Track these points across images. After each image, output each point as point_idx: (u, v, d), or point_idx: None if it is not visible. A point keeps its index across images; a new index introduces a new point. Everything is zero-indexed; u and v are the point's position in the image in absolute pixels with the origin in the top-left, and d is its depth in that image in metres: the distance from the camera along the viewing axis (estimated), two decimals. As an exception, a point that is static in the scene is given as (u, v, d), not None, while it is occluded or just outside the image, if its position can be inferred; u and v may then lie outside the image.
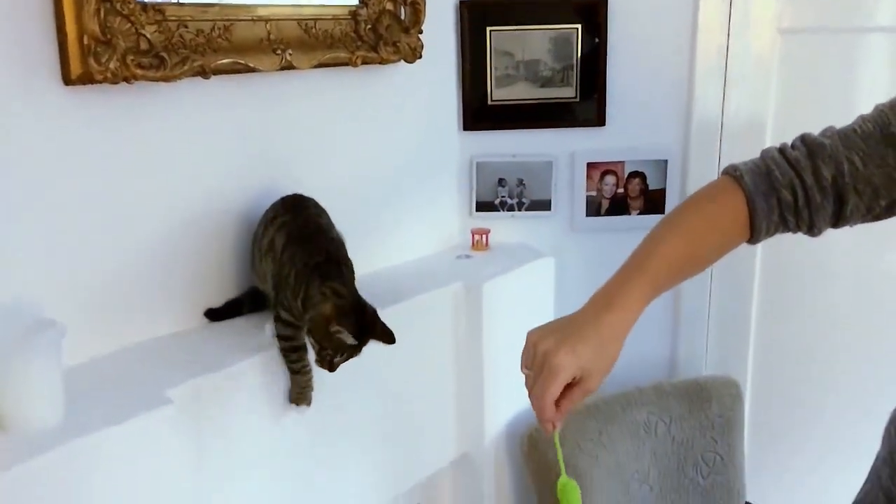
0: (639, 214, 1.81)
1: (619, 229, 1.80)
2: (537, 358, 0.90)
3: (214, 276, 1.29)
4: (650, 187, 1.79)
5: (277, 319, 1.18)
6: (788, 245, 1.80)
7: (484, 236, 1.74)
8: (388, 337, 1.17)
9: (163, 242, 1.20)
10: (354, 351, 1.15)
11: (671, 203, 1.80)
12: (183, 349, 1.19)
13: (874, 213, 0.92)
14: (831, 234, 0.95)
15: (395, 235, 1.62)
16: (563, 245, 1.81)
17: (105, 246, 1.13)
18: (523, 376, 0.94)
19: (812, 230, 0.95)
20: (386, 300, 1.35)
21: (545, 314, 1.73)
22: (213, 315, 1.29)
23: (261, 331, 1.24)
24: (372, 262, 1.54)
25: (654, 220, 1.80)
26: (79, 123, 1.07)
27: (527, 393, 0.92)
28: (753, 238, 0.96)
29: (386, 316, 1.20)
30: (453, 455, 1.59)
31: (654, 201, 1.80)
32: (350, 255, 1.23)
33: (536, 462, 1.59)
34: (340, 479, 1.36)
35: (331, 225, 1.27)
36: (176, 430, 1.03)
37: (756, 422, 1.86)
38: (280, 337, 1.18)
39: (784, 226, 0.95)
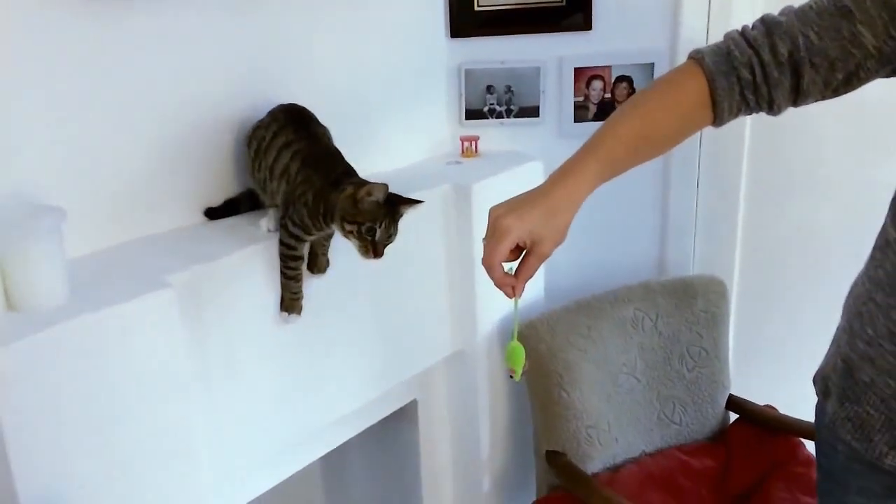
0: (626, 119, 1.83)
1: (607, 134, 1.83)
2: (489, 224, 0.95)
3: (212, 177, 1.34)
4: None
5: (284, 228, 1.23)
6: (775, 148, 1.85)
7: (473, 143, 1.78)
8: (408, 199, 1.21)
9: (164, 144, 1.25)
10: (390, 222, 1.18)
11: (658, 107, 1.82)
12: (183, 242, 1.24)
13: (832, 87, 0.95)
14: (818, 140, 0.97)
15: (386, 143, 1.65)
16: (552, 151, 1.81)
17: (110, 145, 1.18)
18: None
19: (772, 108, 0.98)
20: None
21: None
22: (212, 213, 1.34)
23: (256, 227, 1.29)
24: (363, 170, 1.57)
25: (641, 123, 1.84)
26: (83, 20, 1.10)
27: (482, 263, 0.96)
28: (717, 119, 0.99)
29: None
30: (448, 351, 1.66)
31: (641, 105, 1.82)
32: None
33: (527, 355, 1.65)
34: (340, 369, 1.43)
35: (331, 139, 1.31)
36: (174, 313, 1.08)
37: (742, 318, 1.91)
38: (283, 244, 1.24)
39: (745, 105, 0.97)
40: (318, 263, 1.32)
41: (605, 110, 1.82)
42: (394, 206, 1.19)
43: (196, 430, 1.14)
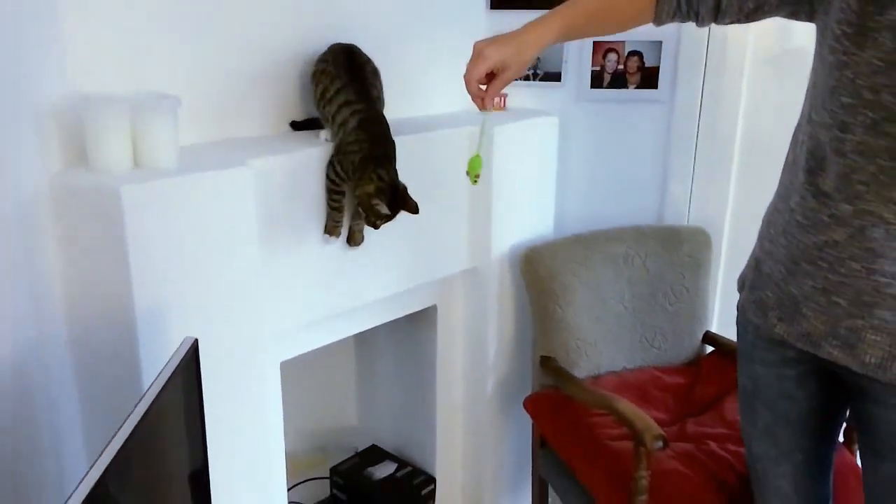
0: (636, 88, 2.14)
1: (619, 100, 2.15)
2: (474, 51, 1.29)
3: (294, 97, 1.71)
4: (646, 64, 2.12)
5: (331, 166, 1.60)
6: (767, 111, 2.10)
7: (502, 99, 2.12)
8: (413, 208, 1.58)
9: (256, 66, 1.63)
10: (390, 217, 1.57)
11: (664, 79, 2.12)
12: (265, 142, 1.62)
13: (744, 13, 1.25)
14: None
15: (428, 94, 2.01)
16: (570, 112, 2.17)
17: (218, 60, 1.56)
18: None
19: (698, 19, 1.28)
20: (415, 130, 1.76)
21: (549, 165, 2.11)
22: (295, 125, 1.72)
23: (317, 137, 1.67)
24: (405, 111, 1.95)
25: (649, 93, 2.16)
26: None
27: (463, 78, 1.31)
28: (656, 18, 1.30)
29: (413, 143, 1.63)
30: (464, 266, 2.00)
31: (649, 77, 2.13)
32: (387, 103, 1.64)
33: (531, 275, 1.98)
34: (374, 263, 1.78)
35: (377, 76, 1.66)
36: (250, 186, 1.45)
37: (730, 265, 2.18)
38: (329, 179, 1.61)
39: (679, 11, 1.28)
40: (354, 238, 1.68)
41: (617, 79, 2.14)
42: (396, 207, 1.55)
43: (258, 283, 1.51)
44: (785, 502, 1.46)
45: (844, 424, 1.44)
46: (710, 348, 2.11)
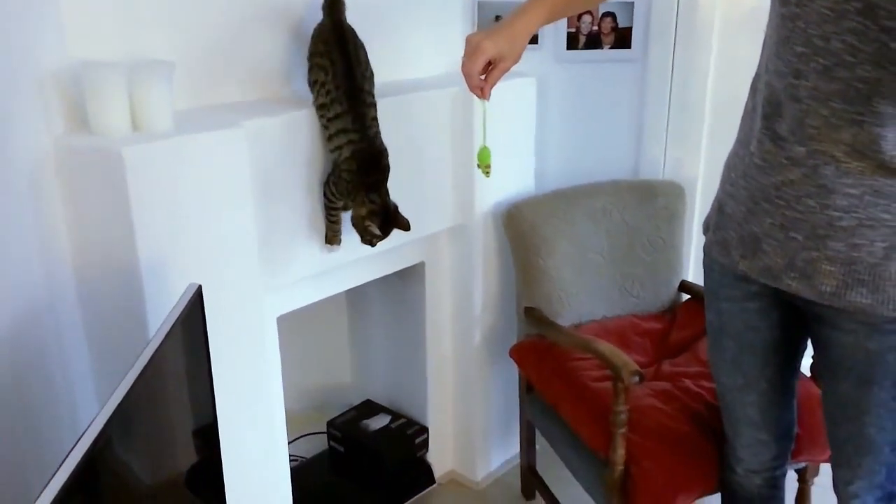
0: (610, 49, 2.22)
1: (594, 61, 2.23)
2: (470, 45, 1.38)
3: (288, 62, 1.78)
4: (619, 25, 2.20)
5: (327, 185, 1.70)
6: (737, 67, 2.18)
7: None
8: (405, 226, 1.68)
9: (252, 29, 1.69)
10: (382, 238, 1.67)
11: (637, 39, 2.20)
12: (259, 105, 1.69)
13: None
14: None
15: (411, 57, 2.08)
16: (548, 73, 2.25)
17: (209, 25, 1.62)
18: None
19: None
20: (398, 92, 1.84)
21: (529, 125, 2.20)
22: None
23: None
24: (390, 74, 2.02)
25: (623, 53, 2.24)
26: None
27: (462, 72, 1.40)
28: None
29: (399, 105, 1.72)
30: (451, 223, 2.09)
31: (622, 38, 2.21)
32: (372, 67, 1.70)
33: (514, 230, 2.07)
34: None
35: (370, 74, 1.69)
36: (243, 145, 1.53)
37: (703, 219, 2.27)
38: (326, 197, 1.71)
39: None
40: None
41: (592, 40, 2.22)
42: (388, 228, 1.65)
43: (251, 238, 1.59)
44: (752, 428, 1.58)
45: (811, 360, 1.56)
46: (685, 296, 2.22)
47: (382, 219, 1.65)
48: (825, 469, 1.55)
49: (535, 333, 2.08)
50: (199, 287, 1.22)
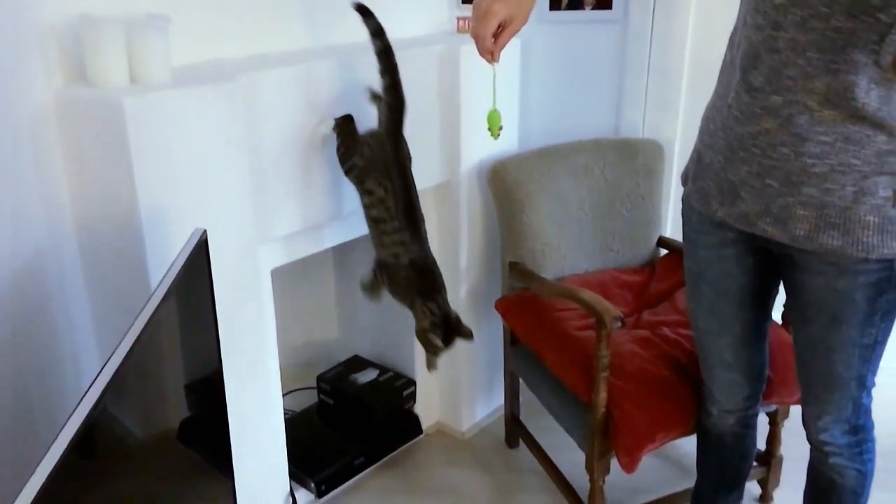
0: (592, 10, 2.27)
1: (576, 21, 2.28)
2: (480, 9, 1.41)
3: (281, 21, 1.81)
4: (601, -14, 2.25)
5: (376, 274, 1.79)
6: (715, 28, 2.24)
7: (467, 22, 2.23)
8: (468, 335, 1.74)
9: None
10: (444, 349, 1.73)
11: (618, 0, 2.25)
12: (256, 61, 1.72)
13: None
14: None
15: (399, 18, 2.11)
16: (531, 34, 2.29)
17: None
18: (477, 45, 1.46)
19: None
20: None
21: (512, 84, 2.24)
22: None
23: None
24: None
25: (604, 14, 2.29)
26: None
27: (472, 36, 1.44)
28: None
29: None
30: (437, 180, 2.14)
31: (604, -1, 2.26)
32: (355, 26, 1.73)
33: (498, 187, 2.13)
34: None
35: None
36: (239, 101, 1.56)
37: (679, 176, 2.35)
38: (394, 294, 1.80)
39: None
40: (431, 362, 1.80)
41: (575, 1, 2.26)
42: (451, 338, 1.71)
43: (245, 189, 1.62)
44: (727, 370, 1.67)
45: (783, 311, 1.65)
46: (663, 251, 2.30)
47: (445, 330, 1.72)
48: (795, 413, 1.65)
49: (520, 287, 2.15)
50: (205, 232, 1.27)
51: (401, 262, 1.73)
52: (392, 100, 1.68)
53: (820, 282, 1.40)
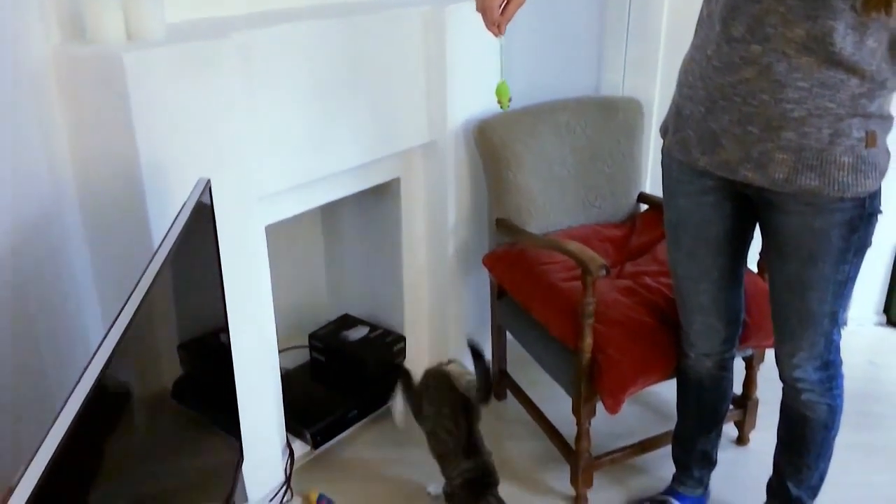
0: (573, -30, 2.32)
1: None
2: None
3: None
4: (582, -53, 2.29)
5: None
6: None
7: None
8: None
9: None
10: None
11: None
12: (252, 19, 1.74)
13: None
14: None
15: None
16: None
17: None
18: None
19: None
20: (370, 10, 1.91)
21: (495, 44, 2.28)
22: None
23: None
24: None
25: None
26: None
27: (479, 9, 1.49)
28: None
29: (372, 23, 1.82)
30: (424, 139, 2.19)
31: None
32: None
33: (484, 145, 2.19)
34: (341, 135, 1.95)
35: None
36: (234, 58, 1.59)
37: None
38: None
39: None
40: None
41: (556, -38, 2.30)
42: None
43: (241, 144, 1.66)
44: (704, 315, 1.75)
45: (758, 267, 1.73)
46: (644, 206, 2.38)
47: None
48: (770, 359, 1.73)
49: (506, 242, 2.21)
50: (209, 181, 1.31)
51: (455, 482, 1.84)
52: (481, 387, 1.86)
53: (797, 222, 1.48)
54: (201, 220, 1.32)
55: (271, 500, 1.99)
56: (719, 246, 1.66)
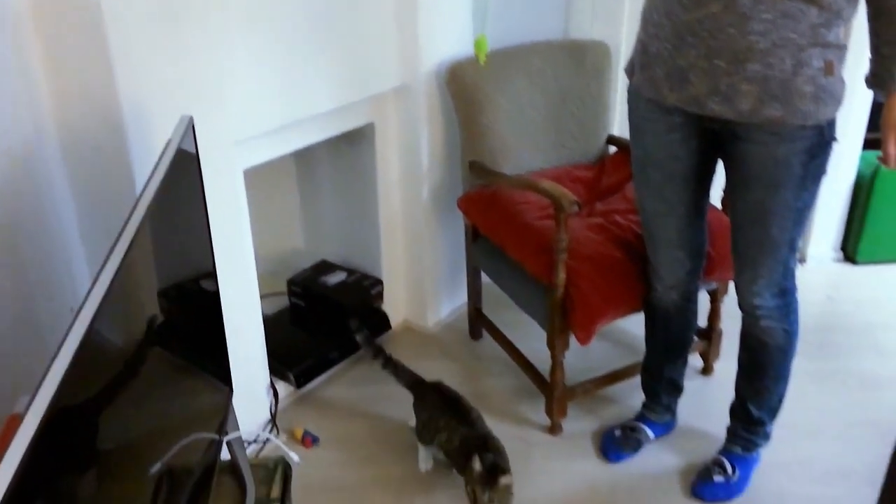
0: (541, -87, 2.33)
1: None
2: None
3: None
4: None
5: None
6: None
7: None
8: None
9: None
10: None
11: None
12: None
13: None
14: None
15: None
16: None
17: None
18: None
19: None
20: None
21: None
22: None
23: None
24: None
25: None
26: None
27: None
28: None
29: None
30: (396, 83, 2.22)
31: None
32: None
33: (457, 88, 2.22)
34: (312, 79, 1.96)
35: None
36: None
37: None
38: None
39: None
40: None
41: None
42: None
43: (220, 87, 1.67)
44: (671, 248, 1.83)
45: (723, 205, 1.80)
46: (612, 148, 2.44)
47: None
48: (733, 292, 1.82)
49: (479, 185, 2.27)
50: (191, 119, 1.33)
51: (454, 440, 1.84)
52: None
53: (761, 151, 1.55)
54: (185, 158, 1.34)
55: (258, 437, 2.06)
56: (686, 181, 1.73)
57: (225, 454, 1.45)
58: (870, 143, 2.81)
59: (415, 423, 1.98)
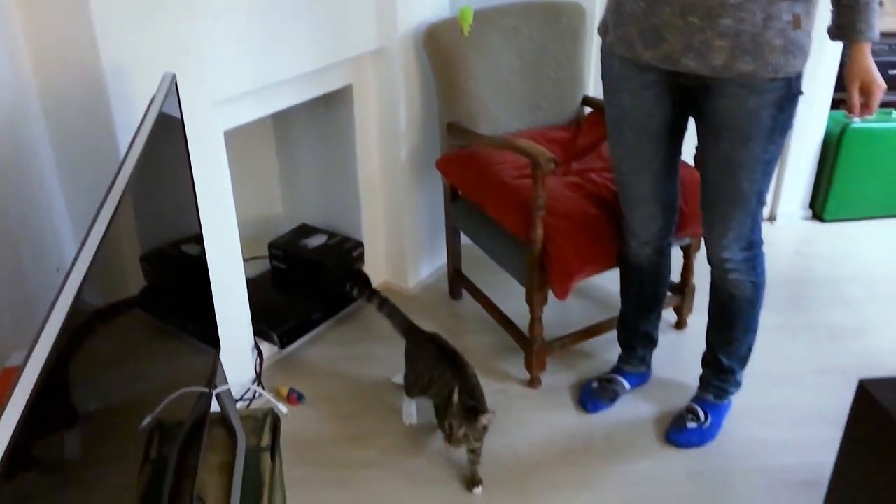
0: None
1: None
2: None
3: None
4: None
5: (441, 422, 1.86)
6: None
7: None
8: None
9: None
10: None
11: None
12: None
13: None
14: None
15: None
16: None
17: None
18: None
19: None
20: None
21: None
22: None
23: None
24: None
25: None
26: None
27: None
28: None
29: None
30: (375, 45, 2.23)
31: None
32: None
33: (433, 49, 2.24)
34: (292, 43, 1.98)
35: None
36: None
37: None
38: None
39: None
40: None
41: None
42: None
43: (201, 46, 1.68)
44: (645, 204, 1.88)
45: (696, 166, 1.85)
46: (588, 109, 2.48)
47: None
48: (704, 250, 1.88)
49: (457, 146, 2.30)
50: (174, 77, 1.34)
51: (454, 401, 1.81)
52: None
53: (732, 104, 1.60)
54: (168, 119, 1.36)
55: (244, 395, 2.10)
56: (659, 137, 1.77)
57: (216, 408, 1.49)
58: (838, 104, 2.87)
59: (404, 372, 2.02)
